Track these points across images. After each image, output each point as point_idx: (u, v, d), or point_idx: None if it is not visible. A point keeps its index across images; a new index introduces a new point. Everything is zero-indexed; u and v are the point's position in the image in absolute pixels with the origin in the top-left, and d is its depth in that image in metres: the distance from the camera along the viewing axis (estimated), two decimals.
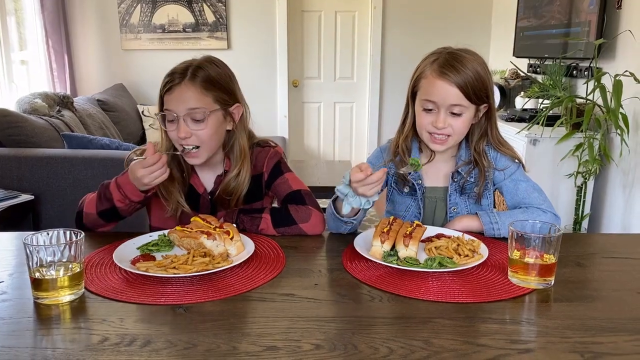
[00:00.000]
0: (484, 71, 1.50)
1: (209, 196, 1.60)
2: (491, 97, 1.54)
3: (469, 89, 1.47)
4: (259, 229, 1.52)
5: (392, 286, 1.19)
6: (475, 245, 1.36)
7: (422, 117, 1.54)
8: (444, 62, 1.49)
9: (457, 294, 1.15)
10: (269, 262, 1.31)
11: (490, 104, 1.55)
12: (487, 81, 1.51)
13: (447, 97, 1.49)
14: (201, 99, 1.47)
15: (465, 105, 1.49)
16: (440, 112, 1.50)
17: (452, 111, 1.50)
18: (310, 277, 1.25)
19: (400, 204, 1.69)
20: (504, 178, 1.60)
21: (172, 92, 1.47)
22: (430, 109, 1.52)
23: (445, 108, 1.50)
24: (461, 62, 1.48)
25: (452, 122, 1.51)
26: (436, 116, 1.51)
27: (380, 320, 1.05)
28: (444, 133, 1.51)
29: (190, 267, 1.19)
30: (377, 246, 1.33)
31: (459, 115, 1.50)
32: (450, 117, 1.50)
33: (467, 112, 1.51)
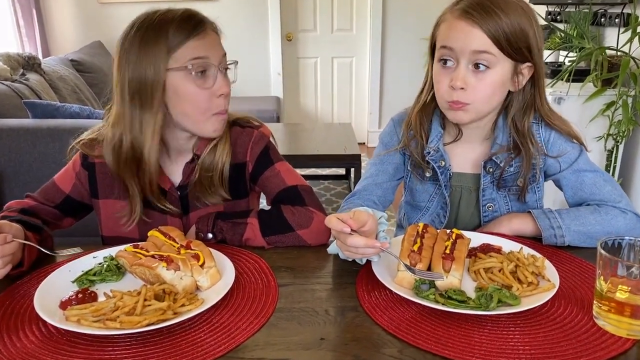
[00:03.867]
0: (528, 19, 1.09)
1: (177, 192, 1.22)
2: (537, 55, 1.13)
3: (501, 34, 1.07)
4: (244, 239, 1.14)
5: (432, 340, 0.82)
6: (539, 265, 0.99)
7: (439, 75, 1.14)
8: (470, 2, 1.08)
9: (528, 351, 0.79)
10: (255, 299, 0.94)
11: (537, 64, 1.14)
12: (531, 32, 1.10)
13: (468, 41, 1.08)
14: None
15: (495, 54, 1.08)
16: (460, 65, 1.10)
17: (477, 61, 1.09)
18: (314, 324, 0.88)
19: (422, 193, 1.31)
20: (561, 168, 1.21)
21: (205, 36, 1.10)
22: (447, 59, 1.12)
23: (467, 59, 1.09)
24: (494, 2, 1.07)
25: (473, 82, 1.10)
26: (454, 72, 1.11)
27: None
28: (463, 102, 1.11)
29: (139, 318, 0.82)
30: (405, 272, 0.96)
31: (485, 72, 1.10)
32: (472, 75, 1.10)
33: (498, 69, 1.10)
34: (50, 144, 2.70)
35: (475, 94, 1.10)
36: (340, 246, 0.97)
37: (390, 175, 1.30)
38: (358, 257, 0.96)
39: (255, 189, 1.28)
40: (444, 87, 1.13)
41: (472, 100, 1.11)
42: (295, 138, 3.61)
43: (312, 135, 3.66)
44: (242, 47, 4.70)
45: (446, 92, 1.12)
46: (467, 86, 1.10)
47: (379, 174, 1.29)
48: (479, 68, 1.09)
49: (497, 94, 1.13)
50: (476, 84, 1.10)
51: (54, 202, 1.24)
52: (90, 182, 1.24)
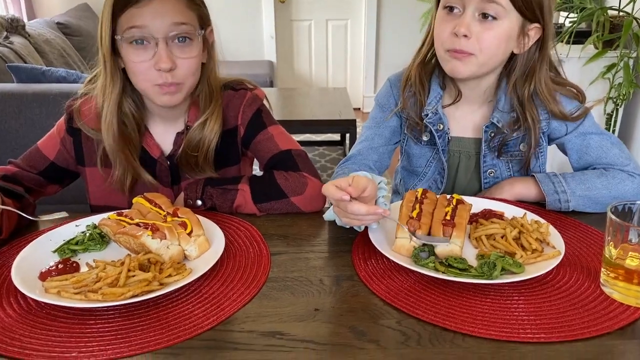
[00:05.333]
0: None
1: (167, 162, 1.16)
2: (548, 16, 1.06)
3: None
4: (234, 206, 1.09)
5: (432, 311, 0.78)
6: (543, 231, 0.95)
7: (443, 21, 1.07)
8: None
9: (533, 321, 0.75)
10: (246, 269, 0.90)
11: (546, 26, 1.07)
12: None
13: None
14: (186, 14, 1.04)
15: (504, 6, 1.02)
16: (467, 12, 1.03)
17: (485, 11, 1.02)
18: (308, 294, 0.84)
19: (419, 158, 1.25)
20: (567, 131, 1.16)
21: (148, 4, 1.00)
22: (454, 6, 1.05)
23: (474, 6, 1.02)
24: None
25: (478, 31, 1.03)
26: (459, 19, 1.04)
27: None
28: (465, 50, 1.04)
29: (122, 290, 0.78)
30: (403, 239, 0.91)
31: (492, 23, 1.03)
32: (478, 23, 1.03)
33: (505, 22, 1.03)
34: (36, 109, 2.62)
35: (478, 44, 1.03)
36: (338, 213, 0.92)
37: (387, 139, 1.24)
38: (357, 224, 0.91)
39: (248, 154, 1.22)
40: (445, 33, 1.06)
41: (474, 49, 1.04)
42: (289, 103, 3.53)
43: (307, 100, 3.58)
44: (234, 9, 4.56)
45: (448, 39, 1.05)
46: (471, 34, 1.03)
47: (374, 137, 1.24)
48: (486, 18, 1.02)
49: (501, 49, 1.06)
50: (481, 34, 1.03)
51: (37, 169, 1.18)
52: (76, 148, 1.18)
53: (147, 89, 1.05)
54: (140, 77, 1.04)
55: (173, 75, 1.03)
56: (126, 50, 1.02)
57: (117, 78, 1.07)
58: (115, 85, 1.07)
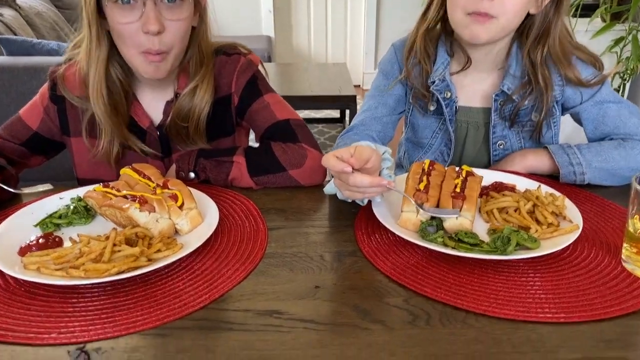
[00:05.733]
0: None
1: (157, 132, 1.10)
2: None
3: None
4: (229, 179, 1.03)
5: (442, 288, 0.73)
6: (558, 204, 0.89)
7: None
8: None
9: (551, 300, 0.70)
10: (242, 244, 0.84)
11: None
12: None
13: None
14: None
15: None
16: None
17: None
18: (307, 271, 0.78)
19: (424, 129, 1.19)
20: (582, 99, 1.09)
21: None
22: None
23: None
24: None
25: None
26: None
27: None
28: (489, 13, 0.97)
29: (106, 266, 0.72)
30: (410, 213, 0.85)
31: None
32: None
33: None
34: (27, 83, 2.54)
35: (504, 7, 0.96)
36: (339, 186, 0.85)
37: (391, 108, 1.17)
38: (360, 197, 0.85)
39: (243, 124, 1.15)
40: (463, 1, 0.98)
41: (499, 13, 0.97)
42: (287, 79, 3.44)
43: (305, 75, 3.49)
44: None
45: (470, 1, 0.97)
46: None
47: (378, 106, 1.17)
48: None
49: (523, 10, 0.99)
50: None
51: (19, 140, 1.11)
52: (61, 117, 1.11)
53: (133, 56, 0.98)
54: (127, 42, 0.96)
55: (160, 40, 0.95)
56: (111, 10, 0.95)
57: (103, 41, 0.99)
58: (101, 48, 1.00)
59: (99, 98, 1.02)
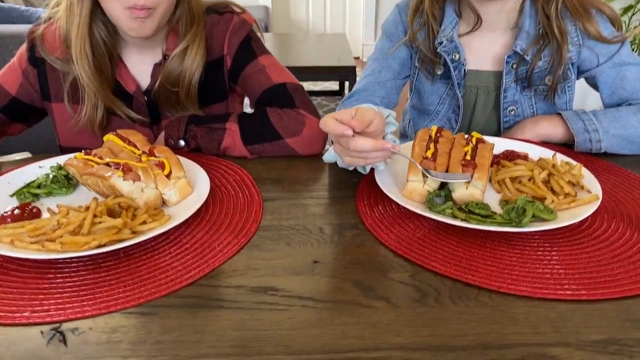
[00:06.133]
0: None
1: (144, 97, 1.03)
2: None
3: None
4: (222, 147, 0.96)
5: (451, 263, 0.67)
6: (575, 173, 0.83)
7: None
8: None
9: (571, 276, 0.64)
10: (235, 216, 0.78)
11: None
12: None
13: None
14: None
15: None
16: None
17: None
18: (306, 244, 0.72)
19: (431, 95, 1.12)
20: (599, 62, 1.02)
21: None
22: None
23: None
24: None
25: None
26: None
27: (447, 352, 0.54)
28: None
29: (86, 239, 0.66)
30: (416, 182, 0.79)
31: None
32: None
33: None
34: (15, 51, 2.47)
35: None
36: (339, 151, 0.79)
37: (395, 72, 1.10)
38: (362, 163, 0.78)
39: (236, 89, 1.08)
40: None
41: None
42: (285, 49, 3.34)
43: (304, 46, 3.39)
44: None
45: None
46: None
47: (381, 70, 1.09)
48: None
49: None
50: None
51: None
52: (40, 81, 1.04)
53: (117, 13, 0.90)
54: None
55: None
56: None
57: None
58: (83, 3, 0.92)
59: (83, 58, 0.95)
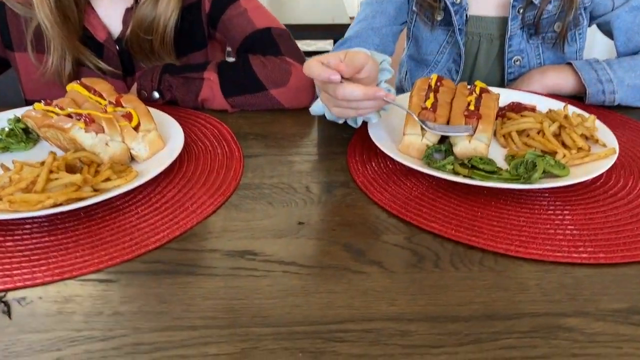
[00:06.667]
0: None
1: (115, 46, 0.93)
2: None
3: None
4: (200, 99, 0.88)
5: (452, 224, 0.60)
6: (589, 125, 0.75)
7: None
8: None
9: (587, 238, 0.57)
10: (212, 173, 0.70)
11: None
12: None
13: None
14: None
15: None
16: None
17: None
18: (290, 204, 0.64)
19: (429, 43, 1.03)
20: (614, 5, 0.93)
21: None
22: None
23: None
24: None
25: None
26: None
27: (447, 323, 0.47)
28: None
29: (39, 197, 0.58)
30: (413, 136, 0.71)
31: None
32: None
33: None
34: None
35: None
36: (326, 101, 0.70)
37: (391, 17, 1.01)
38: (352, 115, 0.70)
39: (216, 36, 0.98)
40: None
41: None
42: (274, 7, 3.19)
43: (295, 3, 3.25)
44: None
45: None
46: None
47: (375, 15, 1.00)
48: None
49: None
50: None
51: None
52: (1, 28, 0.94)
53: None
54: None
55: None
56: None
57: None
58: None
59: (44, 2, 0.85)
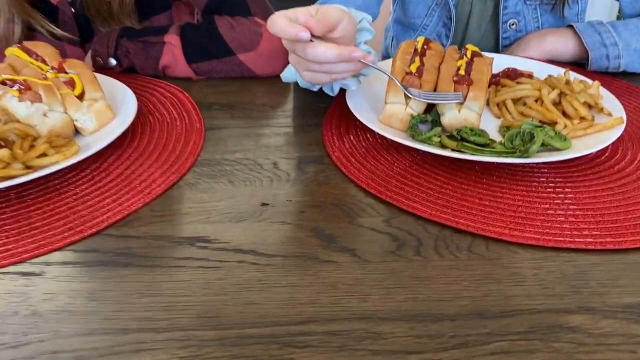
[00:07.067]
0: None
1: (71, 9, 0.84)
2: None
3: None
4: (161, 65, 0.79)
5: (438, 204, 0.52)
6: (593, 93, 0.67)
7: None
8: None
9: (591, 219, 0.50)
10: (166, 147, 0.62)
11: None
12: None
13: None
14: None
15: None
16: None
17: None
18: (253, 183, 0.56)
19: (417, 5, 0.94)
20: None
21: None
22: None
23: None
24: None
25: None
26: None
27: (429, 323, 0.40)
28: None
29: None
30: (396, 104, 0.63)
31: None
32: None
33: None
34: None
35: None
36: (296, 64, 0.62)
37: None
38: (325, 80, 0.62)
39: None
40: None
41: None
42: None
43: None
44: None
45: None
46: None
47: None
48: None
49: None
50: None
51: None
52: None
53: None
54: None
55: None
56: None
57: None
58: None
59: None
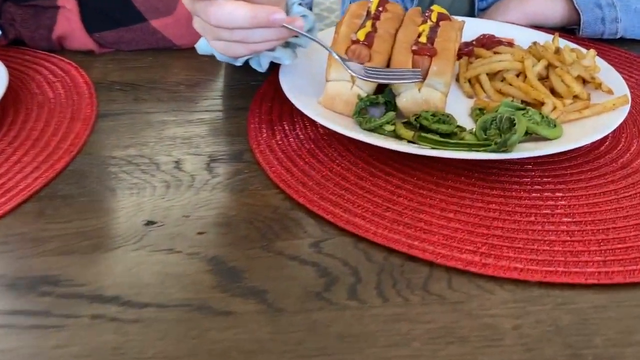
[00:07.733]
0: None
1: None
2: None
3: None
4: (55, 36, 0.63)
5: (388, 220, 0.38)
6: (588, 64, 0.53)
7: None
8: None
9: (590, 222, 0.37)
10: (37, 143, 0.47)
11: None
12: None
13: None
14: None
15: None
16: None
17: None
18: (141, 192, 0.42)
19: None
20: None
21: None
22: None
23: None
24: None
25: None
26: None
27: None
28: None
29: None
30: (339, 82, 0.48)
31: None
32: None
33: None
34: None
35: None
36: (201, 30, 0.47)
37: None
38: (242, 52, 0.47)
39: None
40: None
41: None
42: None
43: None
44: None
45: None
46: None
47: None
48: None
49: None
50: None
51: None
52: None
53: None
54: None
55: None
56: None
57: None
58: None
59: None
